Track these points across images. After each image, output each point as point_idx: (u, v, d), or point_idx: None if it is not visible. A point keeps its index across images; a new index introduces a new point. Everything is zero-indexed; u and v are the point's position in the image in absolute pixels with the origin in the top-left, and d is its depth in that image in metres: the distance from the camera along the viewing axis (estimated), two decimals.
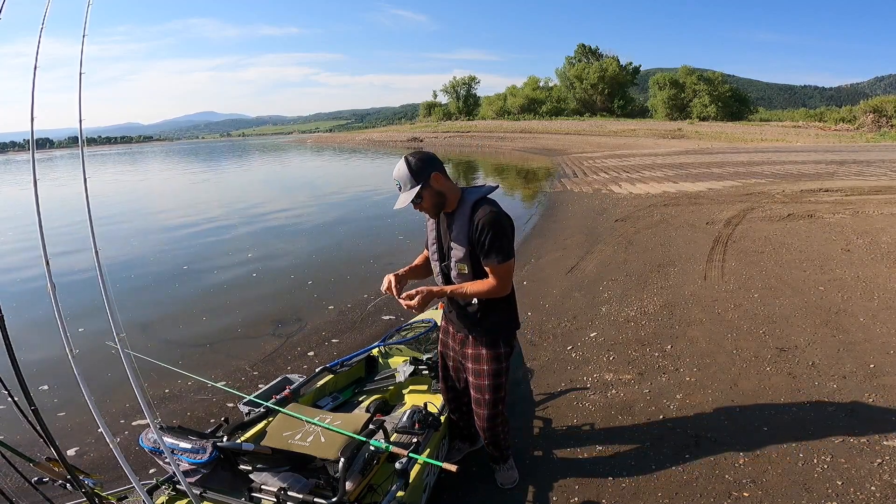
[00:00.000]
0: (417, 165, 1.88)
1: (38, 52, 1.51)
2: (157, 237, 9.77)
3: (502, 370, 2.13)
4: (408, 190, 1.90)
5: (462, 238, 1.94)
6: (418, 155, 1.92)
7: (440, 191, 1.92)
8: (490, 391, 2.13)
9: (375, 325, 4.68)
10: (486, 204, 1.92)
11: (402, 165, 1.89)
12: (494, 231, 1.87)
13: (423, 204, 1.94)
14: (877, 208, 7.94)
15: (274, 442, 1.95)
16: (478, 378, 2.14)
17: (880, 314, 4.01)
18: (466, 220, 1.92)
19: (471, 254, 1.95)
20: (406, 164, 1.89)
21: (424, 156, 1.92)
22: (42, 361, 4.07)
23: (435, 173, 1.89)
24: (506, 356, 2.13)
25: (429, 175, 1.88)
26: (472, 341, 2.12)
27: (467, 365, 2.18)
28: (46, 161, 63.95)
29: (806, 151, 20.49)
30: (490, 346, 2.10)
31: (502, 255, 1.89)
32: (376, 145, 47.08)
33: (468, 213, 1.92)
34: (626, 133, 37.59)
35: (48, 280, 1.36)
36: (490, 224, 1.86)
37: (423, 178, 1.88)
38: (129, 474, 1.41)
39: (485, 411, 2.17)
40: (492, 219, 1.87)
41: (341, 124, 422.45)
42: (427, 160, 1.91)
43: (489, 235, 1.87)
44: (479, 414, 2.20)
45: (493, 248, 1.88)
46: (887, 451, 2.43)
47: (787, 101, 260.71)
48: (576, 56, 65.68)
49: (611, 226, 8.11)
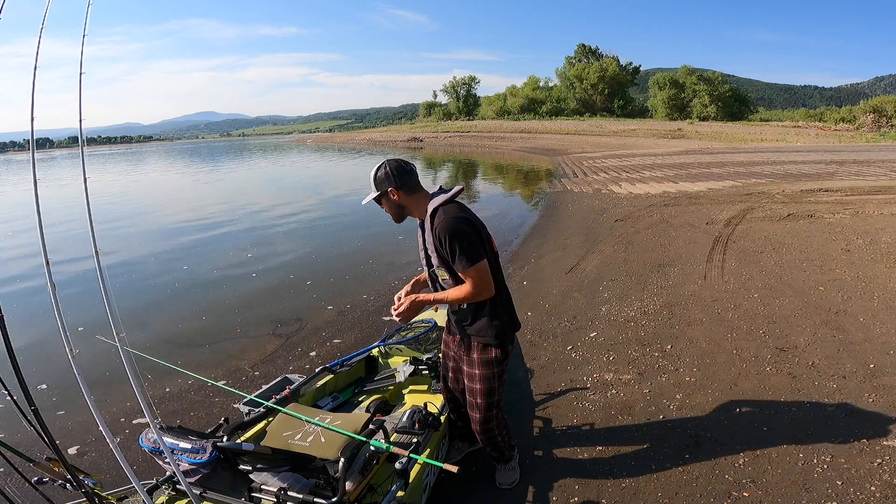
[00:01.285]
0: (381, 177, 1.98)
1: (38, 52, 1.51)
2: (158, 237, 9.77)
3: (493, 375, 2.11)
4: (371, 192, 2.04)
5: (434, 245, 1.99)
6: (389, 166, 1.98)
7: (399, 204, 2.01)
8: (481, 395, 2.13)
9: (375, 325, 4.67)
10: (441, 211, 1.95)
11: (373, 170, 2.01)
12: (451, 238, 1.89)
13: (383, 208, 2.06)
14: (877, 208, 7.94)
15: (274, 442, 1.95)
16: (471, 382, 2.15)
17: (880, 314, 4.01)
18: (430, 230, 1.97)
19: (444, 261, 1.99)
20: (375, 170, 2.00)
21: (393, 169, 1.97)
22: (42, 361, 4.07)
23: (392, 188, 1.97)
24: (498, 361, 2.10)
25: (386, 189, 1.98)
26: (467, 345, 2.14)
27: (464, 368, 2.19)
28: (47, 161, 63.93)
29: (806, 151, 20.49)
30: (481, 350, 2.09)
31: (467, 260, 1.90)
32: (376, 145, 47.08)
33: (429, 223, 1.98)
34: (626, 133, 37.59)
35: (48, 280, 1.36)
36: (446, 231, 1.90)
37: (382, 189, 1.99)
38: (129, 474, 1.41)
39: (478, 415, 2.18)
40: (446, 226, 1.90)
41: (341, 124, 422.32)
42: (393, 174, 1.96)
43: (448, 243, 1.90)
44: (473, 417, 2.21)
45: (457, 255, 1.90)
46: (887, 451, 2.43)
47: (787, 101, 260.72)
48: (576, 56, 65.72)
49: (611, 226, 8.11)
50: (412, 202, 2.01)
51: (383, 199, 2.01)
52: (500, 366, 2.12)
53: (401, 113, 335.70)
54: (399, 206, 2.02)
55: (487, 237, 2.03)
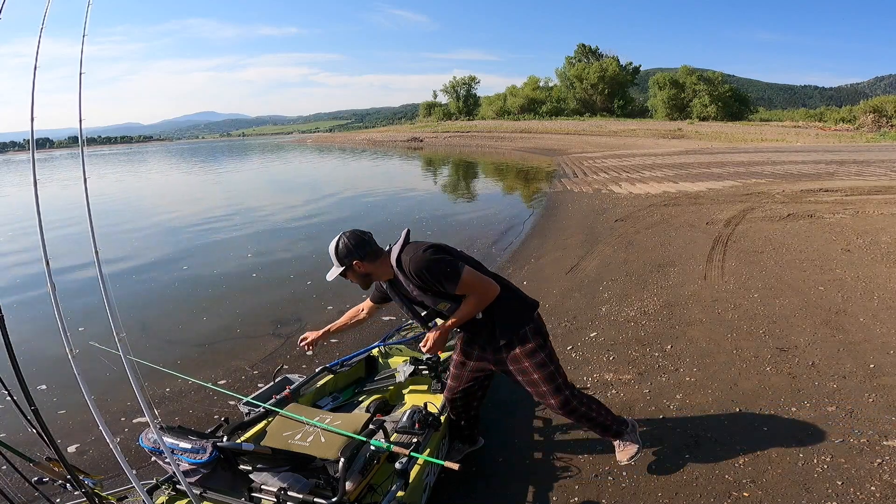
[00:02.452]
0: (343, 252, 2.02)
1: (38, 52, 1.51)
2: (158, 237, 9.78)
3: (545, 361, 2.14)
4: (334, 268, 2.07)
5: (415, 291, 2.04)
6: (349, 239, 2.02)
7: (365, 273, 2.07)
8: (545, 383, 2.15)
9: (375, 325, 4.67)
10: (403, 254, 2.00)
11: (333, 246, 2.04)
12: (426, 269, 1.94)
13: (350, 280, 2.09)
14: (877, 208, 7.93)
15: (274, 442, 1.95)
16: (525, 376, 2.16)
17: (880, 314, 4.01)
18: (404, 279, 2.02)
19: (437, 294, 2.02)
20: (335, 245, 2.04)
21: (353, 241, 2.02)
22: (42, 361, 4.06)
23: (357, 261, 2.02)
24: (540, 346, 2.13)
25: (351, 262, 2.02)
26: (503, 349, 2.14)
27: (511, 370, 2.18)
28: (48, 161, 63.91)
29: (806, 151, 20.49)
30: (520, 343, 2.12)
31: (452, 278, 1.94)
32: (377, 145, 47.07)
33: (400, 273, 2.02)
34: (626, 133, 37.58)
35: (48, 280, 1.36)
36: (419, 267, 1.94)
37: (346, 264, 2.03)
38: (129, 474, 1.41)
39: (553, 401, 2.18)
40: (416, 264, 1.95)
41: (341, 124, 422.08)
42: (353, 246, 2.01)
43: (428, 276, 1.95)
44: (551, 405, 2.20)
45: (441, 280, 1.95)
46: (887, 451, 2.43)
47: (787, 101, 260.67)
48: (576, 56, 65.68)
49: (611, 226, 8.11)
50: (376, 268, 2.06)
51: (349, 273, 2.06)
52: (544, 351, 2.14)
53: (401, 113, 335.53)
54: (365, 276, 2.08)
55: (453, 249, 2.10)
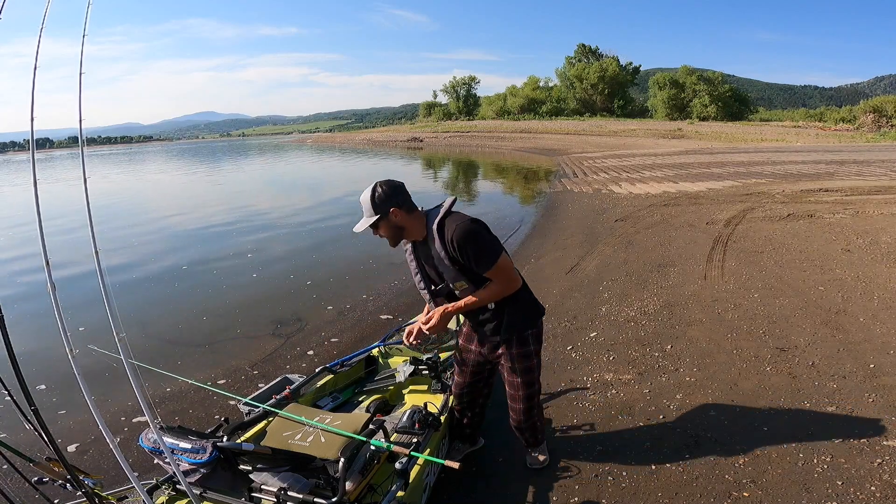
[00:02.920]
0: (380, 197, 1.93)
1: (37, 52, 1.51)
2: (158, 237, 9.77)
3: (533, 367, 2.19)
4: (367, 217, 1.97)
5: (445, 260, 1.97)
6: (385, 186, 1.95)
7: (399, 225, 1.98)
8: (524, 387, 2.21)
9: (375, 325, 4.68)
10: (448, 220, 1.95)
11: (367, 193, 1.95)
12: (469, 241, 1.89)
13: (380, 233, 2.01)
14: (877, 208, 7.94)
15: (274, 442, 1.95)
16: (511, 376, 2.19)
17: (880, 314, 4.01)
18: (440, 244, 1.95)
19: (462, 270, 1.97)
20: (371, 192, 1.95)
21: (390, 188, 1.95)
22: (40, 361, 4.06)
23: (395, 209, 1.94)
24: (536, 353, 2.18)
25: (388, 209, 1.94)
26: (501, 347, 2.15)
27: (502, 365, 2.21)
28: (48, 161, 63.89)
29: (806, 151, 20.49)
30: (519, 345, 2.13)
31: (491, 257, 1.91)
32: (376, 145, 47.07)
33: (438, 237, 1.95)
34: (626, 133, 37.59)
35: (48, 280, 1.36)
36: (463, 237, 1.89)
37: (383, 211, 1.94)
38: (129, 474, 1.41)
39: (521, 405, 2.26)
40: (461, 231, 1.89)
41: (341, 124, 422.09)
42: (391, 193, 1.94)
43: (467, 247, 1.89)
44: (515, 408, 2.27)
45: (479, 256, 1.91)
46: (887, 451, 2.43)
47: (787, 101, 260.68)
48: (576, 56, 65.69)
49: (611, 226, 8.11)
50: (411, 222, 1.99)
51: (381, 223, 1.97)
52: (537, 355, 2.19)
53: (401, 113, 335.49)
54: (399, 228, 1.99)
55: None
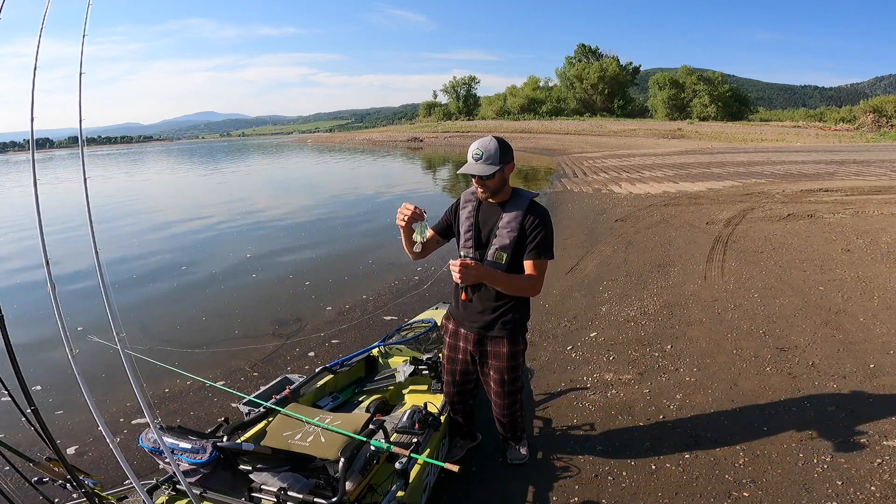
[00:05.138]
0: (505, 149, 2.03)
1: (37, 52, 1.51)
2: (157, 237, 9.76)
3: (519, 364, 2.27)
4: (488, 164, 2.00)
5: (513, 228, 2.06)
6: (505, 143, 2.04)
7: (506, 179, 2.09)
8: (509, 384, 2.27)
9: (375, 325, 4.67)
10: (541, 206, 2.12)
11: (493, 142, 2.02)
12: (546, 227, 2.05)
13: (488, 183, 2.03)
14: (877, 208, 7.94)
15: (274, 442, 1.95)
16: (497, 373, 2.24)
17: (880, 314, 4.01)
18: (521, 214, 2.06)
19: (516, 244, 2.06)
20: (497, 142, 2.02)
21: (508, 146, 2.06)
22: (36, 362, 4.06)
23: (512, 163, 2.06)
24: (522, 352, 2.27)
25: (508, 161, 2.04)
26: (490, 341, 2.21)
27: (487, 361, 2.25)
28: (48, 161, 63.89)
29: (806, 151, 20.49)
30: (510, 342, 2.20)
31: (548, 251, 2.06)
32: (376, 145, 47.06)
33: (524, 208, 2.07)
34: (626, 133, 37.59)
35: (48, 280, 1.36)
36: (544, 221, 2.05)
37: (505, 162, 2.02)
38: (129, 474, 1.41)
39: (504, 401, 2.31)
40: (546, 217, 2.08)
41: (341, 124, 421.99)
42: (509, 150, 2.05)
43: (542, 233, 2.04)
44: (499, 403, 2.33)
45: (542, 245, 2.04)
46: (887, 451, 2.43)
47: (787, 101, 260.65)
48: (576, 56, 65.75)
49: (611, 226, 8.11)
50: (508, 181, 2.10)
51: (498, 173, 2.01)
52: (522, 356, 2.29)
53: (401, 113, 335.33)
54: (505, 182, 2.09)
55: None
